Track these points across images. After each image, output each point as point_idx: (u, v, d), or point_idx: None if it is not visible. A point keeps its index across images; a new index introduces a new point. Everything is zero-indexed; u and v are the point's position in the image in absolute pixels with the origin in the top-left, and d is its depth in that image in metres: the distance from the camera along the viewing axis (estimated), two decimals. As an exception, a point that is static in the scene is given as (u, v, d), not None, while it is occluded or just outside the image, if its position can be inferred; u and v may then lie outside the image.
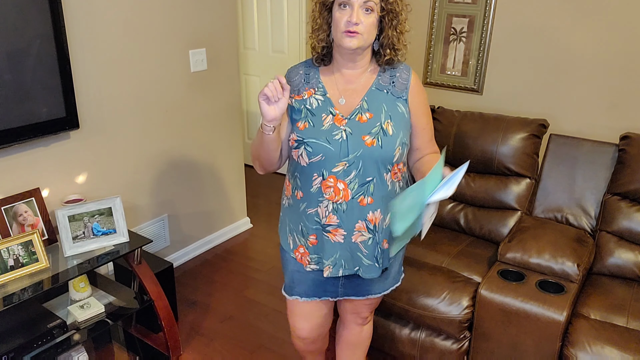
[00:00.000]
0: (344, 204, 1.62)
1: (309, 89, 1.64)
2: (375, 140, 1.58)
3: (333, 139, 1.58)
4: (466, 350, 2.23)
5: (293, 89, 1.66)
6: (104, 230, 2.22)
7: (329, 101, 1.62)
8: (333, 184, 1.60)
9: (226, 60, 3.18)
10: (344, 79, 1.64)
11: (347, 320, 2.02)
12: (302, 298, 1.82)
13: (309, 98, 1.64)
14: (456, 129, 2.64)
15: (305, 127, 1.61)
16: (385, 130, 1.59)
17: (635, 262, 2.27)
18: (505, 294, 2.07)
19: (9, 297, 1.90)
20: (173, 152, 3.01)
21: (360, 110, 1.60)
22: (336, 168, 1.59)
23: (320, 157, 1.59)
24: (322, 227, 1.67)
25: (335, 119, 1.60)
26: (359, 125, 1.59)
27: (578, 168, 2.46)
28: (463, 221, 2.64)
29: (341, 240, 1.66)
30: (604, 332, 1.94)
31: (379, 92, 1.63)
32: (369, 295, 1.83)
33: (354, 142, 1.57)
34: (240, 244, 3.52)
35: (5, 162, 2.24)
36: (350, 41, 1.52)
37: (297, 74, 1.68)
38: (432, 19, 3.12)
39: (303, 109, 1.63)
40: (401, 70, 1.67)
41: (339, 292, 1.81)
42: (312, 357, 2.13)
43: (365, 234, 1.66)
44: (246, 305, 2.89)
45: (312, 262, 1.74)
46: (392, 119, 1.61)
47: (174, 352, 2.43)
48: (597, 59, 2.70)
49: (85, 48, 2.43)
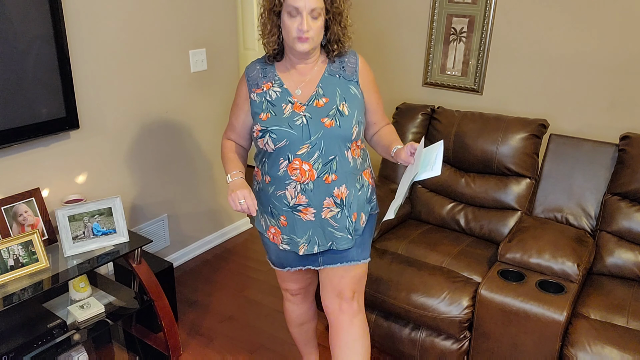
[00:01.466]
0: (310, 183, 1.75)
1: (266, 82, 1.78)
2: (334, 122, 1.72)
3: (295, 125, 1.71)
4: (466, 350, 2.23)
5: (252, 83, 1.79)
6: (104, 230, 2.22)
7: (286, 91, 1.76)
8: (299, 165, 1.74)
9: (226, 61, 3.18)
10: (298, 72, 1.78)
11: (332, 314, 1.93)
12: (292, 268, 1.96)
13: (267, 91, 1.77)
14: (456, 129, 2.64)
15: (267, 117, 1.74)
16: (342, 112, 1.73)
17: (635, 262, 2.27)
18: (505, 294, 2.07)
19: (9, 297, 1.90)
20: (173, 152, 3.01)
21: (317, 96, 1.74)
22: (300, 151, 1.72)
23: (285, 142, 1.72)
24: (291, 208, 1.80)
25: (295, 106, 1.74)
26: (317, 110, 1.72)
27: (578, 168, 2.46)
28: (463, 221, 2.64)
29: (312, 218, 1.80)
30: (604, 332, 1.94)
31: (332, 77, 1.77)
32: (349, 262, 1.87)
33: (314, 125, 1.71)
34: (240, 244, 3.52)
35: (5, 162, 2.24)
36: (302, 46, 1.66)
37: (255, 69, 1.81)
38: (432, 19, 3.12)
39: (264, 101, 1.76)
40: (349, 56, 1.81)
41: (320, 260, 1.92)
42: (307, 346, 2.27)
43: (334, 209, 1.80)
44: (246, 305, 2.89)
45: (283, 242, 1.88)
46: (347, 101, 1.75)
47: (174, 352, 2.43)
48: (597, 58, 2.70)
49: (85, 48, 2.43)
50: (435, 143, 1.75)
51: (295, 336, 2.25)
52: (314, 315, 2.22)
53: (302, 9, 1.61)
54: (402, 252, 2.45)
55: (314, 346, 2.30)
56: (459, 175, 2.67)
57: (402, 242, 2.50)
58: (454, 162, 2.70)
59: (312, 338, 2.27)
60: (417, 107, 2.83)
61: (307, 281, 2.07)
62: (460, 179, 2.66)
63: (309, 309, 2.18)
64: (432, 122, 2.77)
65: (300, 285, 2.07)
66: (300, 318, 2.18)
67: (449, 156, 2.69)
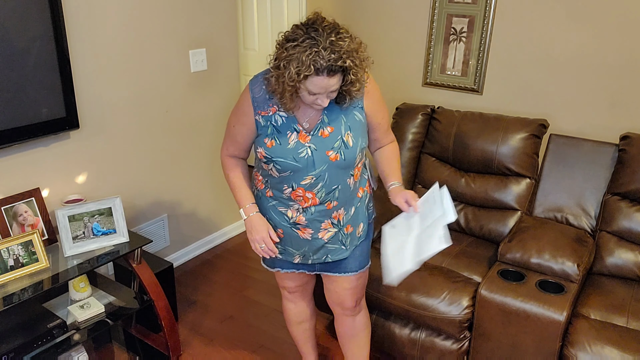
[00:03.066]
0: (312, 207, 1.77)
1: (272, 106, 1.70)
2: (339, 155, 1.70)
3: (299, 157, 1.69)
4: (466, 350, 2.23)
5: (257, 105, 1.70)
6: (104, 230, 2.22)
7: (292, 119, 1.69)
8: (302, 194, 1.75)
9: (226, 61, 3.18)
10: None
11: (336, 312, 2.10)
12: (282, 270, 1.99)
13: (273, 115, 1.70)
14: (456, 129, 2.64)
15: (272, 144, 1.69)
16: (347, 143, 1.70)
17: (635, 262, 2.27)
18: (505, 294, 2.07)
19: (9, 297, 1.90)
20: (173, 152, 3.01)
21: (322, 125, 1.69)
22: (304, 181, 1.72)
23: (289, 173, 1.71)
24: (290, 225, 1.82)
25: (300, 135, 1.69)
26: (322, 140, 1.69)
27: (578, 168, 2.46)
28: (463, 221, 2.64)
29: (309, 237, 1.83)
30: (604, 332, 1.94)
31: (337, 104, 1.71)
32: (345, 272, 1.93)
33: (319, 158, 1.69)
34: (240, 244, 3.52)
35: (5, 162, 2.24)
36: (318, 108, 1.64)
37: (261, 90, 1.70)
38: (432, 19, 3.12)
39: (269, 125, 1.70)
40: None
41: (316, 267, 1.95)
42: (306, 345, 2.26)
43: (331, 229, 1.83)
44: (246, 305, 2.89)
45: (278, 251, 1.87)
46: (351, 130, 1.71)
47: (174, 352, 2.43)
48: (597, 58, 2.69)
49: (85, 48, 2.43)
50: (432, 189, 1.69)
51: (294, 335, 2.26)
52: (313, 314, 2.23)
53: (322, 93, 1.57)
54: (402, 252, 2.45)
55: (312, 346, 2.30)
56: (459, 175, 2.67)
57: (402, 242, 2.50)
58: (454, 162, 2.70)
59: (310, 337, 2.27)
60: (417, 107, 2.83)
61: (303, 279, 2.09)
62: (460, 179, 2.66)
63: (306, 307, 2.19)
64: (432, 122, 2.77)
65: (297, 283, 2.09)
66: (299, 316, 2.19)
67: (449, 156, 2.69)
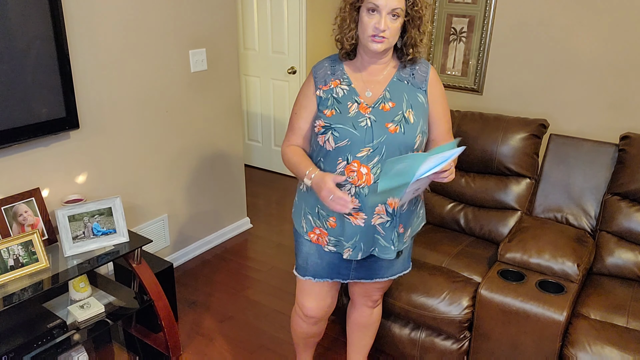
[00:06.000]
0: (365, 187, 1.70)
1: (334, 80, 1.74)
2: (398, 128, 1.67)
3: (359, 125, 1.67)
4: (466, 350, 2.23)
5: (319, 80, 1.75)
6: (104, 230, 2.22)
7: (354, 91, 1.71)
8: (357, 168, 1.68)
9: (226, 61, 3.18)
10: (368, 72, 1.73)
11: (358, 303, 2.10)
12: (315, 279, 1.90)
13: (335, 88, 1.73)
14: (456, 129, 2.64)
15: (332, 114, 1.70)
16: (407, 119, 1.68)
17: (635, 262, 2.27)
18: (505, 294, 2.07)
19: (9, 297, 1.90)
20: (173, 152, 3.01)
21: (384, 100, 1.70)
22: (361, 153, 1.67)
23: (346, 142, 1.67)
24: None
25: (360, 107, 1.69)
26: (383, 114, 1.68)
27: (578, 168, 2.46)
28: (463, 221, 2.64)
29: (361, 223, 1.75)
30: (604, 332, 1.94)
31: (400, 82, 1.72)
32: (378, 278, 1.91)
33: (378, 129, 1.66)
34: (240, 244, 3.52)
35: (5, 162, 2.24)
36: (376, 45, 1.62)
37: (323, 66, 1.77)
38: (432, 19, 3.12)
39: (330, 97, 1.72)
40: (421, 64, 1.77)
41: (350, 275, 1.89)
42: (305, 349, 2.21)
43: (384, 217, 1.75)
44: (246, 305, 2.89)
45: (329, 243, 1.82)
46: (413, 108, 1.70)
47: (174, 352, 2.43)
48: (597, 59, 2.69)
49: (85, 48, 2.43)
50: (457, 149, 1.57)
51: (296, 341, 2.19)
52: (323, 331, 2.13)
53: (383, 8, 1.56)
54: (402, 252, 2.45)
55: (311, 352, 2.25)
56: (459, 175, 2.67)
57: (402, 242, 2.50)
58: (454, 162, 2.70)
59: (313, 345, 2.21)
60: (417, 107, 2.83)
61: (327, 301, 1.97)
62: (460, 178, 2.66)
63: (320, 328, 2.09)
64: (432, 122, 2.77)
65: (319, 305, 1.96)
66: (309, 333, 2.10)
67: (449, 156, 2.70)
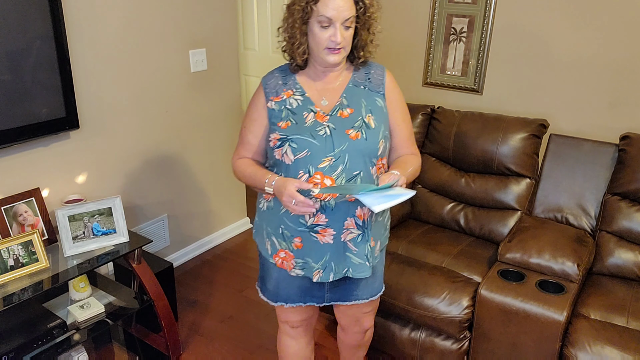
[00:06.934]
0: (332, 200, 1.59)
1: (287, 90, 1.65)
2: (360, 134, 1.58)
3: (318, 135, 1.57)
4: (466, 350, 2.23)
5: (270, 91, 1.66)
6: (104, 230, 2.22)
7: (308, 100, 1.63)
8: (320, 180, 1.56)
9: (226, 61, 3.18)
10: (322, 81, 1.66)
11: (350, 331, 1.98)
12: (286, 304, 1.79)
13: (288, 99, 1.64)
14: (456, 129, 2.64)
15: (287, 125, 1.60)
16: (368, 124, 1.60)
17: (635, 262, 2.27)
18: (505, 294, 2.07)
19: (9, 297, 1.90)
20: (173, 152, 3.01)
21: (341, 107, 1.62)
22: (322, 164, 1.56)
23: (306, 153, 1.57)
24: (309, 228, 1.63)
25: (317, 116, 1.61)
26: (342, 120, 1.60)
27: (578, 168, 2.46)
28: (463, 221, 2.64)
29: (330, 240, 1.63)
30: (604, 332, 1.94)
31: (357, 88, 1.66)
32: (356, 300, 1.79)
33: (338, 137, 1.58)
34: (240, 244, 3.52)
35: (5, 162, 2.24)
36: (334, 57, 1.57)
37: (273, 76, 1.69)
38: (432, 19, 3.12)
39: (284, 109, 1.63)
40: (375, 67, 1.71)
41: (325, 297, 1.77)
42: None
43: (355, 231, 1.64)
44: (246, 305, 2.89)
45: (296, 266, 1.69)
46: (373, 113, 1.63)
47: (174, 352, 2.43)
48: (597, 58, 2.69)
49: (85, 48, 2.43)
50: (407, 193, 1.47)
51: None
52: (312, 352, 2.02)
53: (336, 20, 1.50)
54: (402, 252, 2.45)
55: None
56: (459, 175, 2.67)
57: (402, 242, 2.50)
58: (454, 162, 2.70)
59: None
60: (417, 107, 2.83)
61: (309, 312, 1.88)
62: (460, 179, 2.66)
63: (307, 345, 1.98)
64: (432, 122, 2.77)
65: (302, 317, 1.87)
66: (298, 354, 1.97)
67: (449, 156, 2.69)
